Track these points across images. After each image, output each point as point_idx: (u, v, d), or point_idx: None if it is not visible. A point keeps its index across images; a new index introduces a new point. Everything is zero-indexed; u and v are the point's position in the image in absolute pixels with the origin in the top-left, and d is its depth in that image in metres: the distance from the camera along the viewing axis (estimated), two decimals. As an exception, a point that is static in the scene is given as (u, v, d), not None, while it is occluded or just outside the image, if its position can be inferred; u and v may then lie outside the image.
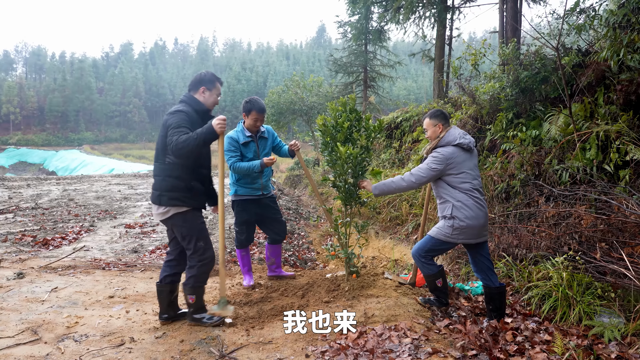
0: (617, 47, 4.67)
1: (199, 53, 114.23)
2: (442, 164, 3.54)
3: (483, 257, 3.66)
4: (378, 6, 15.36)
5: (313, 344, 3.17)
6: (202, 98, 3.53)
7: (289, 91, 23.16)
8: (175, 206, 3.39)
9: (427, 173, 3.58)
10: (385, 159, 10.49)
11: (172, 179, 3.38)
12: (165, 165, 3.40)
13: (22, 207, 9.79)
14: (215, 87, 3.58)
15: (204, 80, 3.53)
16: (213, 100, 3.59)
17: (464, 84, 7.86)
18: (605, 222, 4.26)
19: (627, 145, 4.52)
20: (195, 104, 3.50)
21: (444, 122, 3.73)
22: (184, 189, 3.39)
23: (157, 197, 3.41)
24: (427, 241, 3.71)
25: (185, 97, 3.54)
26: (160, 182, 3.41)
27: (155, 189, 3.44)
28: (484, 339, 3.25)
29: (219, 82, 3.62)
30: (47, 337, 3.30)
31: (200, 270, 3.46)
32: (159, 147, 3.43)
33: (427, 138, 3.83)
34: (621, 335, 3.24)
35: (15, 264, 5.29)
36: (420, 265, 3.76)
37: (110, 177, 19.36)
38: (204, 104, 3.54)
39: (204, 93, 3.53)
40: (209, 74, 3.58)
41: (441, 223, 3.63)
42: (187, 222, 3.43)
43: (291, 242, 7.31)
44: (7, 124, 72.57)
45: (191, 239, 3.43)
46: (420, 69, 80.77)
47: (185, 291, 3.49)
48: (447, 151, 3.56)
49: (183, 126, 3.28)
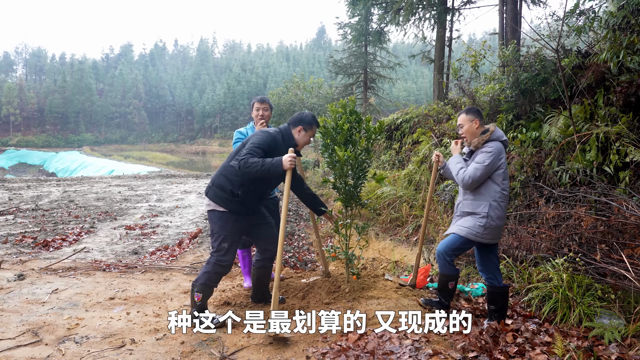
0: (617, 49, 4.68)
1: (199, 54, 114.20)
2: (496, 159, 3.48)
3: (494, 256, 3.66)
4: (378, 8, 15.39)
5: (314, 345, 3.17)
6: (297, 136, 3.71)
7: (289, 92, 23.19)
8: (215, 203, 3.56)
9: (484, 170, 3.46)
10: (385, 161, 10.49)
11: (223, 178, 3.57)
12: (227, 166, 3.59)
13: (23, 209, 9.79)
14: (312, 129, 3.76)
15: (304, 121, 3.72)
16: (306, 141, 3.77)
17: (464, 85, 7.88)
18: (605, 223, 4.26)
19: (627, 147, 4.53)
20: (288, 138, 3.69)
21: (480, 118, 3.67)
22: (229, 192, 3.52)
23: (208, 189, 3.64)
24: (454, 240, 3.63)
25: (284, 128, 3.73)
26: (216, 177, 3.63)
27: (210, 181, 3.67)
28: (484, 340, 3.25)
29: (316, 125, 3.81)
30: (47, 339, 3.30)
31: (215, 269, 3.56)
32: (234, 150, 3.68)
33: (461, 134, 3.76)
34: (621, 336, 3.24)
35: (15, 266, 5.29)
36: (442, 263, 3.70)
37: (110, 179, 19.36)
38: (297, 142, 3.72)
39: (299, 132, 3.71)
40: (309, 116, 3.76)
41: (470, 222, 3.55)
42: (220, 221, 3.57)
43: (291, 244, 7.31)
44: (7, 126, 72.60)
45: (218, 238, 3.57)
46: (420, 70, 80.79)
47: (195, 288, 3.53)
48: (498, 146, 3.51)
49: (261, 147, 3.47)
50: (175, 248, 6.65)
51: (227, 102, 76.46)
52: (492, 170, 3.50)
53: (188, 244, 6.89)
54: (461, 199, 3.73)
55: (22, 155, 57.15)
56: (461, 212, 3.69)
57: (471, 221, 3.56)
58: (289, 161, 3.40)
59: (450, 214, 6.42)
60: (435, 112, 9.03)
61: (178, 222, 8.87)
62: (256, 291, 4.07)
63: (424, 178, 7.67)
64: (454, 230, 3.67)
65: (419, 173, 7.89)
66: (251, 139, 3.55)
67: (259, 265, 3.95)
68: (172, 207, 10.76)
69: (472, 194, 3.61)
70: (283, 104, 22.42)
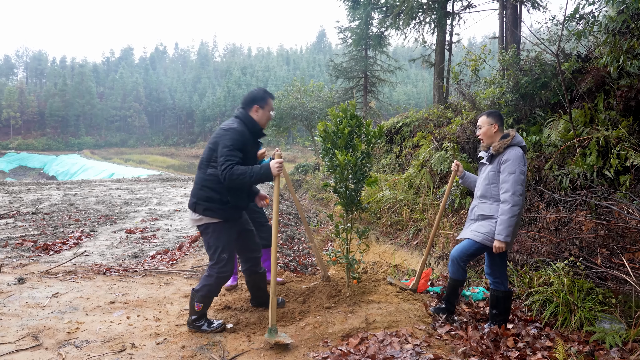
0: (617, 53, 4.69)
1: (200, 58, 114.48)
2: (522, 163, 3.45)
3: (504, 260, 3.64)
4: (378, 12, 15.41)
5: (315, 349, 3.17)
6: (256, 116, 3.57)
7: (289, 96, 23.20)
8: (208, 217, 3.44)
9: (522, 181, 3.44)
10: (385, 164, 10.50)
11: (208, 190, 3.42)
12: (205, 176, 3.44)
13: (23, 212, 9.79)
14: (267, 103, 3.61)
15: (257, 98, 3.58)
16: (267, 117, 3.63)
17: (464, 89, 7.90)
18: (605, 227, 4.26)
19: (627, 151, 4.53)
20: (250, 123, 3.55)
21: (500, 122, 3.66)
22: (219, 201, 3.43)
23: (193, 204, 3.47)
24: (469, 246, 3.61)
25: (241, 114, 3.57)
26: (198, 190, 3.47)
27: (192, 196, 3.50)
28: (485, 345, 3.24)
29: (270, 98, 3.66)
30: (47, 343, 3.29)
31: (217, 281, 3.47)
32: (204, 157, 3.48)
33: (477, 135, 3.76)
34: (622, 341, 3.24)
35: (15, 269, 5.28)
36: (456, 268, 3.69)
37: (110, 182, 19.37)
38: (258, 122, 3.59)
39: (257, 112, 3.57)
40: (261, 91, 3.64)
41: (486, 227, 3.52)
42: (215, 233, 3.47)
43: (292, 248, 7.30)
44: (7, 129, 72.65)
45: (216, 250, 3.46)
46: (420, 74, 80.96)
47: (195, 298, 3.47)
48: (519, 152, 3.49)
49: (236, 148, 3.34)
50: (176, 252, 6.64)
51: (228, 105, 76.48)
52: (524, 172, 3.47)
53: (188, 248, 6.88)
54: (476, 203, 3.70)
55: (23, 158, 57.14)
56: (476, 215, 3.66)
57: (487, 226, 3.53)
58: (277, 168, 3.38)
59: (452, 217, 6.41)
60: (436, 116, 9.04)
61: (178, 225, 8.86)
62: (255, 295, 4.04)
63: (424, 182, 7.67)
64: (468, 235, 3.64)
65: (419, 177, 7.89)
66: (221, 141, 3.36)
67: (250, 272, 3.86)
68: (172, 211, 10.76)
69: (488, 198, 3.59)
70: (283, 108, 22.42)
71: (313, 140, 21.90)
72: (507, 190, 3.41)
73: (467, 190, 6.45)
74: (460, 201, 6.43)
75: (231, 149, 3.32)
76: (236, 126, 3.46)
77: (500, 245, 3.40)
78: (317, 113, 21.63)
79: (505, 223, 3.39)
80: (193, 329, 3.52)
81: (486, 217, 3.56)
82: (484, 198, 3.62)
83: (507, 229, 3.39)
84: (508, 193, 3.40)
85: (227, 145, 3.33)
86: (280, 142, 37.52)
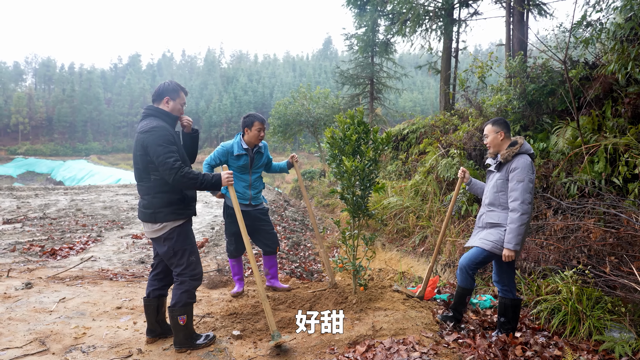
0: (625, 60, 4.68)
1: (206, 64, 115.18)
2: (530, 171, 3.45)
3: (512, 268, 3.62)
4: (385, 19, 15.46)
5: (321, 357, 3.16)
6: (166, 108, 3.43)
7: (295, 102, 23.31)
8: (172, 220, 3.32)
9: (531, 189, 3.43)
10: (391, 171, 10.49)
11: (164, 194, 3.28)
12: (152, 183, 3.30)
13: (30, 217, 9.85)
14: (180, 96, 3.50)
15: (168, 90, 3.45)
16: (178, 109, 3.50)
17: (470, 96, 7.89)
18: (614, 235, 4.23)
19: (636, 159, 4.51)
20: (164, 115, 3.40)
21: (506, 130, 3.64)
22: (178, 200, 3.33)
23: (151, 215, 3.29)
24: (478, 254, 3.59)
25: (152, 110, 3.41)
26: (151, 199, 3.29)
27: (146, 208, 3.31)
28: (493, 353, 3.22)
29: (183, 92, 3.55)
30: (54, 348, 3.30)
31: (192, 284, 3.34)
32: (139, 167, 3.29)
33: (485, 144, 3.75)
34: (632, 350, 3.20)
35: (23, 274, 5.31)
36: (464, 277, 3.66)
37: (117, 187, 19.45)
38: (173, 113, 3.46)
39: (167, 103, 3.44)
40: (173, 84, 3.52)
41: (495, 235, 3.50)
42: (182, 235, 3.35)
43: (297, 254, 7.30)
44: (15, 134, 73.45)
45: (184, 254, 3.33)
46: (426, 80, 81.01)
47: (175, 312, 3.28)
48: (527, 160, 3.49)
49: (172, 143, 3.22)
50: (182, 257, 6.64)
51: (234, 111, 76.90)
52: (533, 180, 3.46)
53: (194, 254, 6.88)
54: (484, 211, 3.68)
55: (30, 163, 57.68)
56: (485, 223, 3.64)
57: (496, 234, 3.51)
58: (227, 179, 3.36)
59: (458, 224, 6.39)
60: (442, 123, 9.03)
61: (184, 231, 8.86)
62: (156, 323, 3.56)
63: (430, 189, 7.66)
64: (477, 243, 3.61)
65: (426, 184, 7.88)
66: (150, 144, 3.18)
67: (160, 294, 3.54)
68: (178, 216, 10.76)
69: (497, 205, 3.57)
70: (289, 114, 22.52)
71: (319, 147, 21.94)
72: (516, 199, 3.40)
73: (473, 197, 6.43)
74: (467, 208, 6.41)
75: (165, 146, 3.18)
76: (155, 123, 3.29)
77: (509, 254, 3.39)
78: (323, 119, 21.70)
79: (515, 231, 3.37)
80: (185, 348, 3.31)
81: (495, 225, 3.54)
82: (492, 206, 3.60)
83: (517, 238, 3.37)
84: (517, 201, 3.39)
85: (159, 144, 3.17)
86: (287, 148, 37.57)
